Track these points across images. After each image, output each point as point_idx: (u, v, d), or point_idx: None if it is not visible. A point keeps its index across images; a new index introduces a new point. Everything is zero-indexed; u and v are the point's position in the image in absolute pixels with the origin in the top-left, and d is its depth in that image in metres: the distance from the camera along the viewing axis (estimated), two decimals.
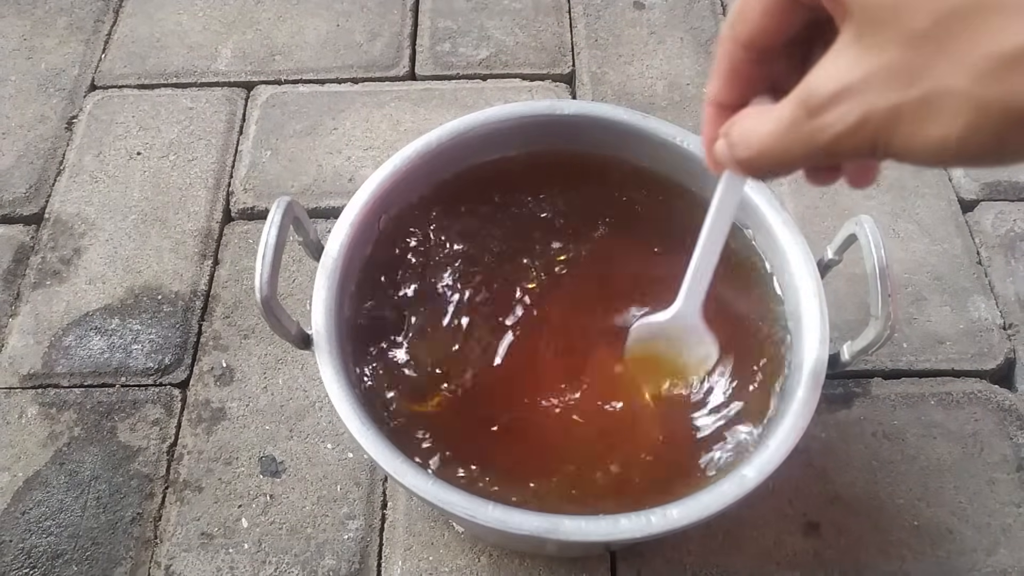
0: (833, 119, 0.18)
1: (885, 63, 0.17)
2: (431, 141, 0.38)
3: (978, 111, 0.16)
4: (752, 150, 0.20)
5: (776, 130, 0.19)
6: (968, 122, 0.16)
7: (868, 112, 0.17)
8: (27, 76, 0.62)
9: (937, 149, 0.17)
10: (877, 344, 0.31)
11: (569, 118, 0.39)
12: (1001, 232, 0.53)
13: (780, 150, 0.20)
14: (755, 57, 0.22)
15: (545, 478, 0.33)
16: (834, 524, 0.43)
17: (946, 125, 0.16)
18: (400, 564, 0.42)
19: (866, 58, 0.17)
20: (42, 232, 0.54)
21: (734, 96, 0.22)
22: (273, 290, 0.30)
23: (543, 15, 0.65)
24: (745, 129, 0.21)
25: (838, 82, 0.18)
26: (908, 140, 0.17)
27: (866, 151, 0.18)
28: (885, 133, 0.17)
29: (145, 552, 0.43)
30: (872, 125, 0.17)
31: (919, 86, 0.17)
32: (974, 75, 0.16)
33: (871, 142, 0.18)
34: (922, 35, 0.16)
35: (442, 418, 0.34)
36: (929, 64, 0.16)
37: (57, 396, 0.48)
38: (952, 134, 0.16)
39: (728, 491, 0.29)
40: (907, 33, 0.16)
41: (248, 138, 0.58)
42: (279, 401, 0.47)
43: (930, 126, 0.17)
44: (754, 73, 0.22)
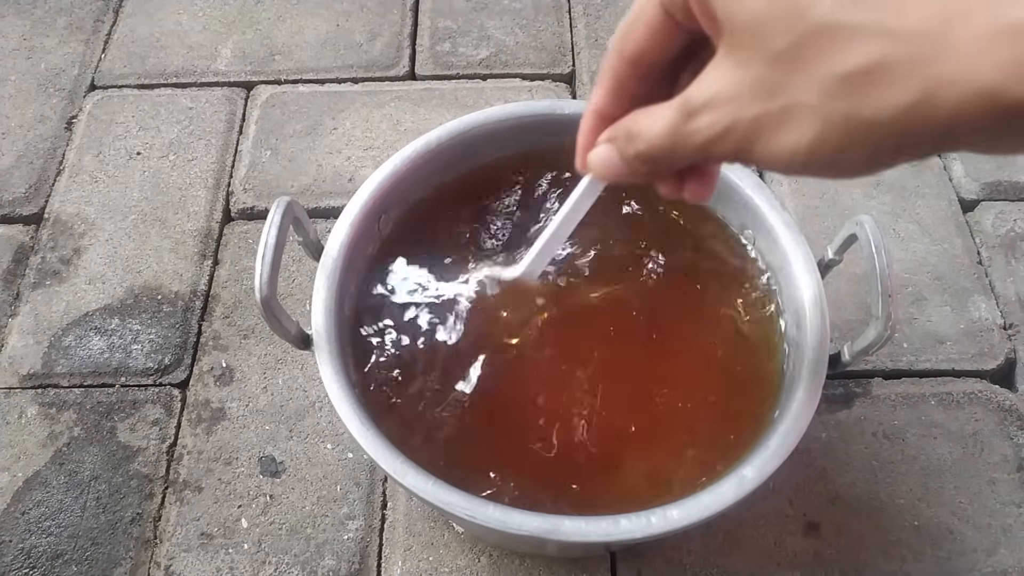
0: (705, 124, 0.20)
1: (750, 78, 0.19)
2: (431, 141, 0.38)
3: (824, 123, 0.18)
4: (646, 144, 0.23)
5: (662, 129, 0.22)
6: (816, 133, 0.18)
7: (734, 121, 0.20)
8: (27, 76, 0.62)
9: (790, 157, 0.19)
10: (878, 344, 0.31)
11: (569, 118, 0.39)
12: (1001, 232, 0.53)
13: (666, 147, 0.22)
14: (639, 73, 0.23)
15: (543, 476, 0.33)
16: (834, 524, 0.42)
17: (798, 135, 0.19)
18: (400, 564, 0.42)
19: (735, 72, 0.19)
20: (42, 232, 0.54)
21: (616, 107, 0.24)
22: (273, 290, 0.30)
23: (543, 15, 0.65)
24: (640, 126, 0.23)
25: (710, 91, 0.20)
26: (766, 148, 0.19)
27: (732, 155, 0.21)
28: (748, 140, 0.20)
29: (145, 552, 0.43)
30: (737, 133, 0.20)
31: (777, 100, 0.19)
32: (822, 91, 0.18)
33: (736, 147, 0.20)
34: (780, 54, 0.18)
35: (442, 418, 0.34)
36: (786, 80, 0.18)
37: (57, 396, 0.47)
38: (803, 144, 0.19)
39: (728, 491, 0.29)
40: (768, 52, 0.18)
41: (248, 138, 0.58)
42: (279, 401, 0.47)
43: (785, 136, 0.19)
44: (637, 87, 0.24)
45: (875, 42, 0.17)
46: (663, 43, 0.23)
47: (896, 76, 0.17)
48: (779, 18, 0.18)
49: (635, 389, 0.35)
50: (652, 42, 0.22)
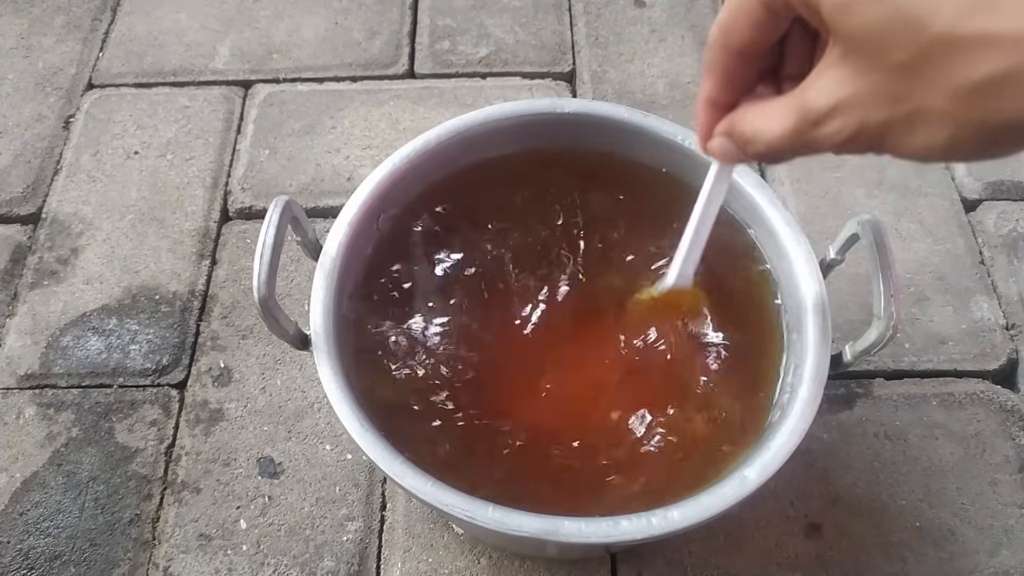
0: (833, 130, 0.21)
1: (874, 85, 0.19)
2: (430, 140, 0.38)
3: (958, 126, 0.19)
4: (765, 146, 0.23)
5: (784, 134, 0.22)
6: (951, 135, 0.19)
7: (863, 125, 0.20)
8: (24, 75, 0.62)
9: (926, 152, 0.20)
10: (880, 345, 0.31)
11: (569, 116, 0.39)
12: (1004, 232, 0.53)
13: (790, 149, 0.23)
14: (744, 61, 0.24)
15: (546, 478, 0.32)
16: (836, 525, 0.42)
17: (932, 136, 0.19)
18: (399, 566, 0.41)
19: (855, 78, 0.20)
20: (39, 232, 0.54)
21: (728, 96, 0.25)
22: (271, 290, 0.30)
23: (543, 13, 0.64)
24: (756, 128, 0.23)
25: (833, 97, 0.20)
26: (900, 145, 0.20)
27: (864, 151, 0.21)
28: (879, 140, 0.20)
29: (143, 553, 0.42)
30: (868, 134, 0.20)
31: (905, 105, 0.19)
32: (952, 99, 0.18)
33: (868, 146, 0.21)
34: (903, 64, 0.19)
35: (442, 419, 0.34)
36: (912, 88, 0.19)
37: (55, 397, 0.47)
38: (938, 143, 0.19)
39: (729, 492, 0.29)
40: (889, 62, 0.19)
41: (246, 137, 0.58)
42: (277, 402, 0.47)
43: (918, 137, 0.19)
44: (745, 74, 0.24)
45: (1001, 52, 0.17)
46: (767, 34, 0.23)
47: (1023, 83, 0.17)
48: (897, 31, 0.18)
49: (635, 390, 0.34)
50: (755, 34, 0.23)
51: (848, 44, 0.20)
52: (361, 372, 0.34)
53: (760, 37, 0.23)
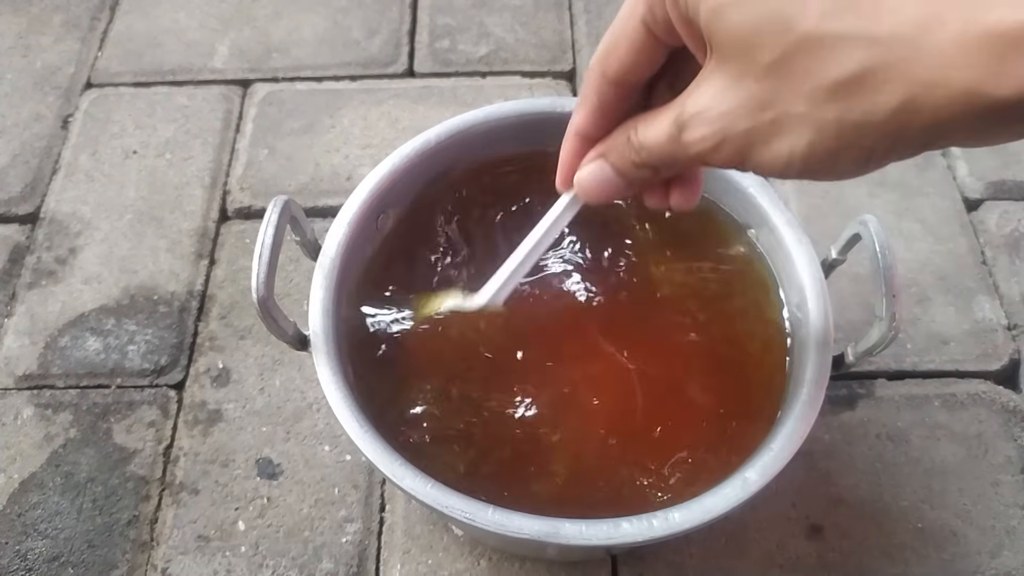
0: (698, 137, 0.21)
1: (740, 91, 0.20)
2: (430, 139, 0.37)
3: (817, 131, 0.19)
4: (644, 154, 0.23)
5: (658, 140, 0.23)
6: (809, 141, 0.19)
7: (726, 133, 0.20)
8: (23, 74, 0.61)
9: (786, 165, 0.20)
10: (882, 345, 0.30)
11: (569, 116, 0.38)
12: (1006, 231, 0.52)
13: (664, 155, 0.23)
14: (622, 92, 0.24)
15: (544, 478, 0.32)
16: (838, 527, 0.42)
17: (791, 144, 0.19)
18: (399, 568, 0.41)
19: (724, 86, 0.20)
20: (37, 232, 0.54)
21: (600, 128, 0.25)
22: (270, 290, 0.30)
23: (543, 11, 0.64)
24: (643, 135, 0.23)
25: (701, 105, 0.21)
26: (761, 157, 0.20)
27: (728, 164, 0.21)
28: (741, 151, 0.20)
29: (141, 555, 0.42)
30: (731, 145, 0.20)
31: (768, 112, 0.19)
32: (811, 100, 0.18)
33: (731, 158, 0.21)
34: (769, 67, 0.19)
35: (441, 420, 0.34)
36: (776, 92, 0.19)
37: (53, 397, 0.47)
38: (797, 151, 0.19)
39: (731, 494, 0.29)
40: (757, 66, 0.19)
41: (245, 136, 0.58)
42: (276, 403, 0.46)
43: (778, 145, 0.20)
44: (619, 107, 0.24)
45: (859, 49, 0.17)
46: (645, 61, 0.23)
47: (881, 81, 0.17)
48: (766, 32, 0.19)
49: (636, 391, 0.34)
50: (635, 61, 0.23)
51: (722, 50, 0.20)
52: (360, 373, 0.34)
53: (639, 62, 0.23)
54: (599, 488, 0.32)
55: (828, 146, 0.19)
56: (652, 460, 0.33)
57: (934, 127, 0.18)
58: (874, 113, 0.18)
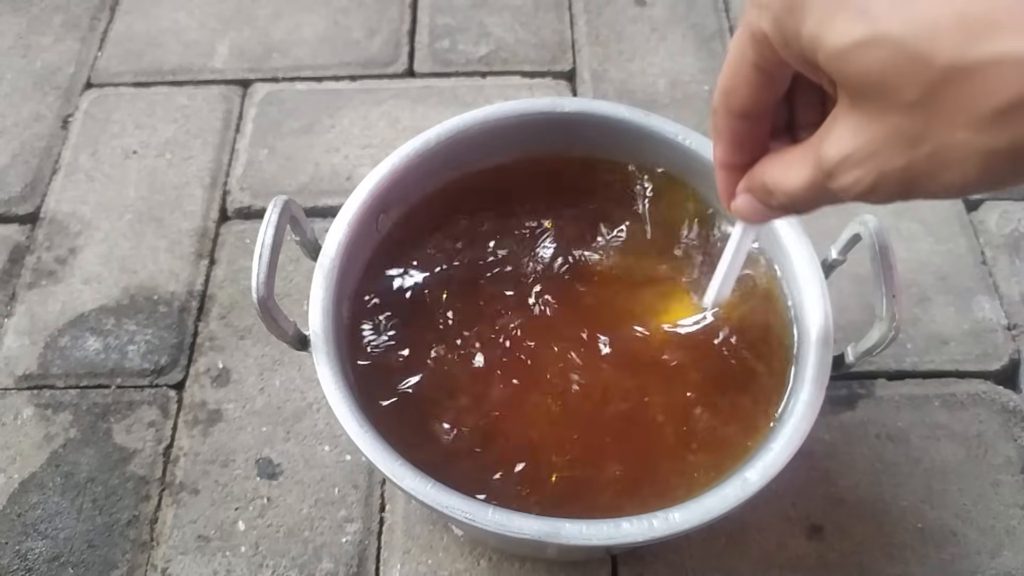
0: (851, 181, 0.20)
1: (887, 130, 0.18)
2: (430, 139, 0.37)
3: (986, 157, 0.18)
4: (786, 198, 0.23)
5: (803, 187, 0.22)
6: (983, 165, 0.18)
7: (882, 173, 0.19)
8: (23, 74, 0.61)
9: (960, 188, 0.19)
10: (882, 345, 0.30)
11: (570, 116, 0.39)
12: (1006, 232, 0.52)
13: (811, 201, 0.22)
14: (752, 122, 0.23)
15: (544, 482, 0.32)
16: (838, 527, 0.42)
17: (962, 172, 0.18)
18: (398, 568, 0.41)
19: (867, 126, 0.19)
20: (37, 231, 0.54)
21: (740, 157, 0.24)
22: (270, 290, 0.30)
23: (543, 11, 0.64)
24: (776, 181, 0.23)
25: (846, 149, 0.19)
26: (929, 187, 0.19)
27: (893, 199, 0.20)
28: (904, 185, 0.19)
29: (141, 555, 0.42)
30: (889, 182, 0.19)
31: (925, 146, 0.18)
32: (974, 129, 0.17)
33: (893, 194, 0.20)
34: (916, 103, 0.18)
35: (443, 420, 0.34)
36: (928, 127, 0.18)
37: (53, 397, 0.47)
38: (971, 176, 0.18)
39: (731, 494, 0.29)
40: (901, 103, 0.18)
41: (245, 136, 0.58)
42: (276, 403, 0.46)
43: (948, 174, 0.18)
44: (755, 134, 0.24)
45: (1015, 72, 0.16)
46: (767, 95, 0.22)
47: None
48: (903, 71, 0.17)
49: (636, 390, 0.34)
50: (756, 96, 0.22)
51: (854, 92, 0.19)
52: (360, 373, 0.34)
53: (761, 98, 0.22)
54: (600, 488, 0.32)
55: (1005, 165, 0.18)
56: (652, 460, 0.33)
57: None
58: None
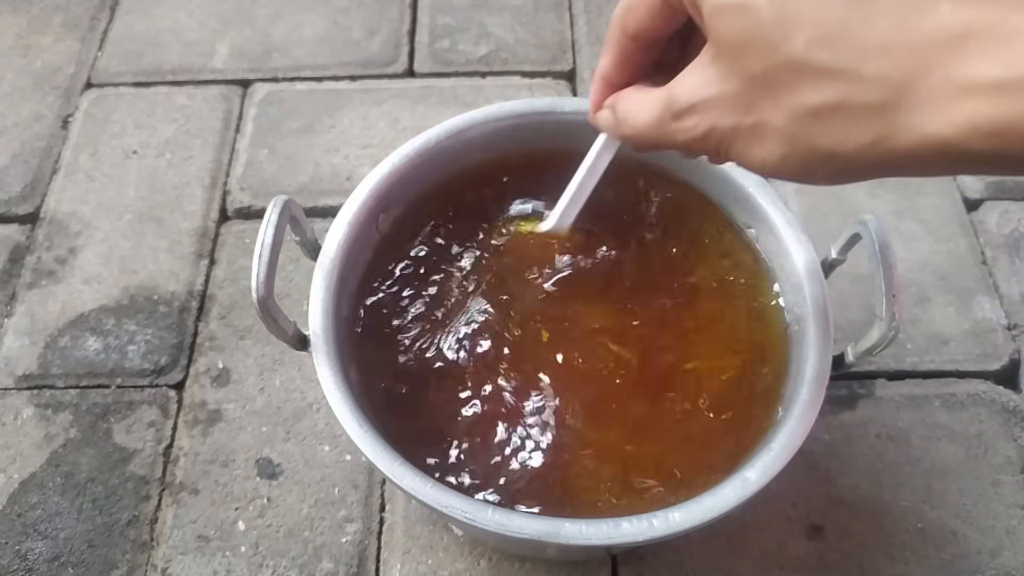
0: (687, 126, 0.22)
1: (729, 90, 0.21)
2: (430, 139, 0.37)
3: (791, 145, 0.20)
4: (632, 130, 0.25)
5: (648, 121, 0.24)
6: (783, 151, 0.20)
7: (712, 127, 0.22)
8: (23, 74, 0.61)
9: (761, 166, 0.21)
10: (882, 345, 0.30)
11: (570, 115, 0.39)
12: (1006, 231, 0.52)
13: (651, 137, 0.24)
14: (640, 46, 0.25)
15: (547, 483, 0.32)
16: (838, 527, 0.42)
17: (768, 150, 0.21)
18: (398, 568, 0.41)
19: (716, 82, 0.21)
20: (37, 231, 0.54)
21: (622, 76, 0.26)
22: (270, 290, 0.30)
23: (543, 11, 0.64)
24: (629, 112, 0.25)
25: (694, 95, 0.22)
26: (740, 154, 0.22)
27: (710, 154, 0.23)
28: (724, 144, 0.22)
29: (141, 555, 0.42)
30: (715, 137, 0.22)
31: (751, 116, 0.20)
32: (789, 118, 0.20)
33: (714, 148, 0.22)
34: (756, 77, 0.20)
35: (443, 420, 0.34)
36: (759, 100, 0.20)
37: (53, 397, 0.47)
38: (771, 158, 0.21)
39: (731, 494, 0.29)
40: (746, 72, 0.20)
41: (245, 136, 0.58)
42: (276, 403, 0.46)
43: (757, 148, 0.21)
44: (640, 59, 0.26)
45: (839, 83, 0.18)
46: (662, 24, 0.24)
47: (856, 116, 0.18)
48: (756, 46, 0.20)
49: (636, 390, 0.34)
50: (652, 22, 0.24)
51: (717, 47, 0.21)
52: (360, 373, 0.34)
53: (655, 25, 0.24)
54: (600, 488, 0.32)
55: (800, 161, 0.20)
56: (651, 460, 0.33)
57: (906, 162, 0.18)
58: (845, 143, 0.19)
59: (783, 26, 0.19)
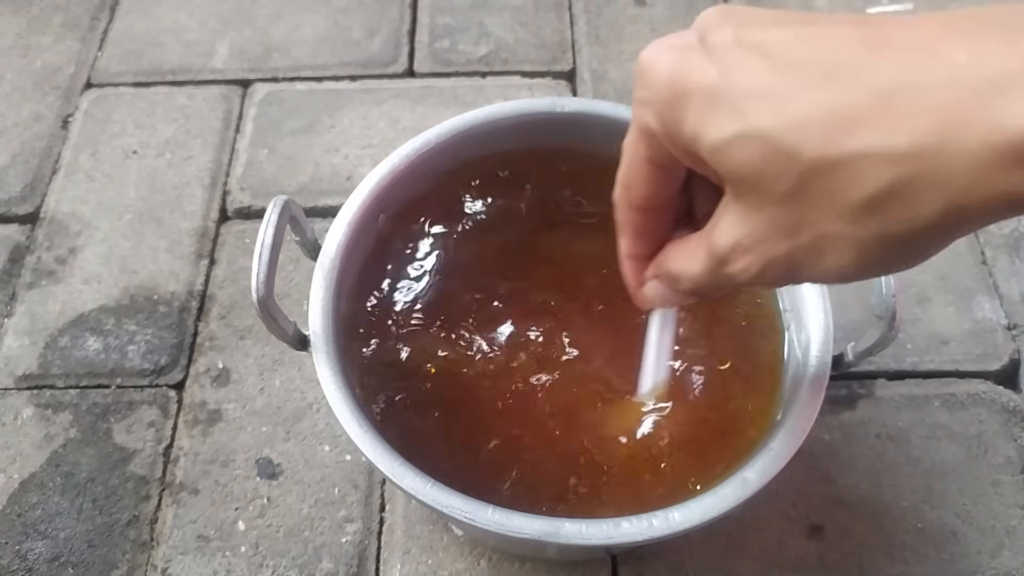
0: (741, 268, 0.21)
1: (767, 219, 0.19)
2: (430, 139, 0.37)
3: (860, 246, 0.18)
4: (690, 284, 0.23)
5: (701, 273, 0.22)
6: (856, 254, 0.19)
7: (768, 260, 0.20)
8: (22, 74, 0.61)
9: (840, 275, 0.20)
10: (881, 345, 0.30)
11: (570, 116, 0.39)
12: (1006, 231, 0.52)
13: (710, 286, 0.23)
14: (653, 215, 0.24)
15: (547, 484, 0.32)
16: (838, 527, 0.42)
17: (840, 259, 0.19)
18: (398, 568, 0.41)
19: (750, 215, 0.20)
20: (37, 231, 0.54)
21: (646, 248, 0.25)
22: (270, 290, 0.30)
23: (543, 11, 0.64)
24: (679, 269, 0.23)
25: (734, 238, 0.20)
26: (814, 273, 0.20)
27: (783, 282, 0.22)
28: (790, 270, 0.20)
29: (141, 555, 0.42)
30: (776, 268, 0.20)
31: (804, 234, 0.19)
32: (845, 220, 0.18)
33: (782, 277, 0.21)
34: (789, 194, 0.18)
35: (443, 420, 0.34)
36: (804, 216, 0.19)
37: (52, 397, 0.47)
38: (848, 264, 0.19)
39: (730, 494, 0.29)
40: (775, 195, 0.19)
41: (245, 136, 0.58)
42: (276, 403, 0.46)
43: (826, 261, 0.19)
44: (657, 226, 0.24)
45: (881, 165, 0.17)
46: (664, 188, 0.23)
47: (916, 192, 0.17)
48: (773, 165, 0.18)
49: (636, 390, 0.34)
50: (653, 190, 0.23)
51: (735, 184, 0.20)
52: (360, 373, 0.34)
53: (659, 191, 0.23)
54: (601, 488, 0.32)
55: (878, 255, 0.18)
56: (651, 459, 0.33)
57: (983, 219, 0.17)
58: (916, 222, 0.17)
59: (791, 135, 0.18)
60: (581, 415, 0.34)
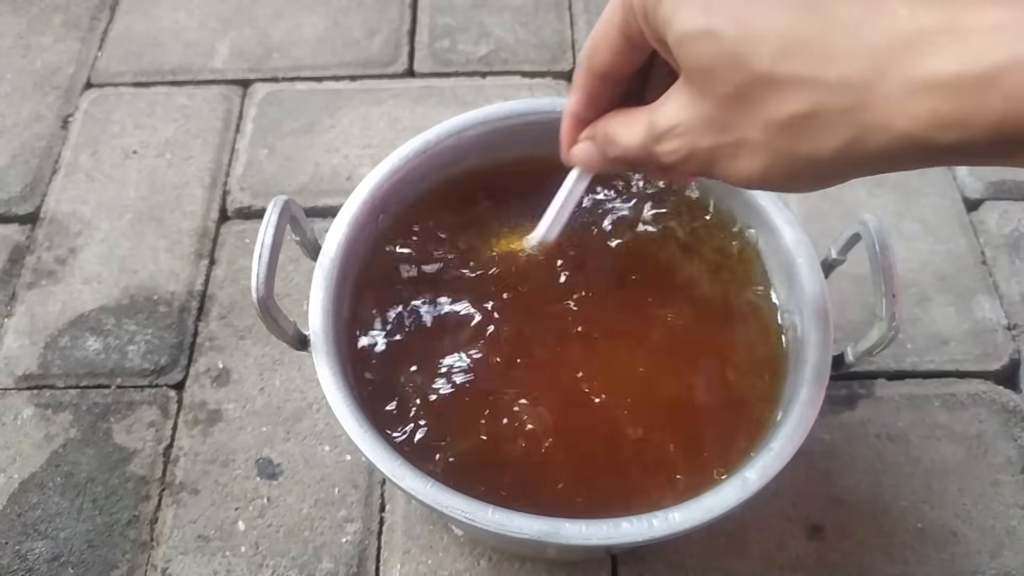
0: (670, 148, 0.23)
1: (704, 112, 0.22)
2: (430, 139, 0.37)
3: (772, 156, 0.21)
4: (619, 150, 0.26)
5: (634, 143, 0.25)
6: (765, 163, 0.21)
7: (694, 148, 0.23)
8: (23, 74, 0.61)
9: (747, 180, 0.22)
10: (882, 345, 0.30)
11: None
12: (1006, 231, 0.52)
13: (636, 158, 0.25)
14: (608, 84, 0.26)
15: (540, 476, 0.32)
16: (838, 527, 0.42)
17: (751, 163, 0.22)
18: (398, 568, 0.41)
19: (692, 105, 0.22)
20: (37, 231, 0.54)
21: (591, 112, 0.27)
22: (270, 290, 0.30)
23: (543, 11, 0.64)
24: (616, 133, 0.26)
25: (672, 121, 0.23)
26: (724, 170, 0.23)
27: (695, 173, 0.24)
28: (707, 163, 0.23)
29: (141, 555, 0.42)
30: (697, 157, 0.23)
31: (729, 134, 0.21)
32: (766, 131, 0.21)
33: (698, 168, 0.23)
34: (727, 97, 0.21)
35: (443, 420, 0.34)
36: (735, 118, 0.21)
37: (53, 397, 0.47)
38: (755, 170, 0.22)
39: (731, 494, 0.29)
40: (717, 93, 0.21)
41: (245, 136, 0.58)
42: (276, 403, 0.46)
43: (740, 163, 0.22)
44: (608, 95, 0.27)
45: (807, 92, 0.19)
46: (627, 61, 0.25)
47: (828, 121, 0.19)
48: (724, 67, 0.20)
49: (636, 390, 0.34)
50: (617, 59, 0.25)
51: (687, 74, 0.22)
52: (360, 373, 0.34)
53: (620, 62, 0.25)
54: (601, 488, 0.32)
55: (782, 170, 0.21)
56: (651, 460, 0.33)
57: (881, 160, 0.19)
58: (822, 148, 0.20)
59: (746, 45, 0.20)
60: (581, 413, 0.34)
